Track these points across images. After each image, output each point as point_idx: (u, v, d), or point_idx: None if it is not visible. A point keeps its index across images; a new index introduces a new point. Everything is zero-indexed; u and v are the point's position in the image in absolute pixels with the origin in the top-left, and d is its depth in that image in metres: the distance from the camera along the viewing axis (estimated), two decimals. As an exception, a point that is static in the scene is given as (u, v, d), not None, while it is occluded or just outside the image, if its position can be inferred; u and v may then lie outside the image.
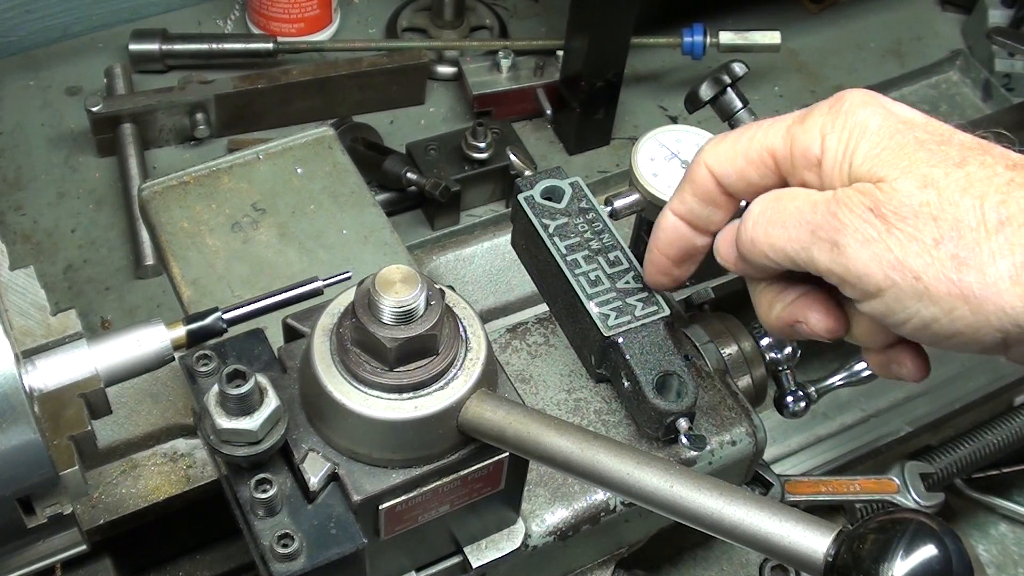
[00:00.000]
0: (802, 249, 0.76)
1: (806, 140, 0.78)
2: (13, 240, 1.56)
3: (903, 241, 0.71)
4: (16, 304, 0.77)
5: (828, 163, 0.76)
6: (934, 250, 0.71)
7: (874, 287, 0.73)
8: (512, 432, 0.76)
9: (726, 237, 0.84)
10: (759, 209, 0.79)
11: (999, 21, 1.86)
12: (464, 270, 1.28)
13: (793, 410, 1.15)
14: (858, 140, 0.75)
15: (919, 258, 0.71)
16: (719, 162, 0.82)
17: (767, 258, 0.79)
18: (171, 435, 1.07)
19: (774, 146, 0.79)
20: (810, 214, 0.76)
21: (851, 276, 0.74)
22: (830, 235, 0.74)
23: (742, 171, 0.81)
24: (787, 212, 0.77)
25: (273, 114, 1.68)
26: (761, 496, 0.72)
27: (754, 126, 0.82)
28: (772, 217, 0.78)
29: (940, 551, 0.64)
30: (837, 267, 0.74)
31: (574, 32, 1.62)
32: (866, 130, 0.75)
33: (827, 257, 0.75)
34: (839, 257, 0.74)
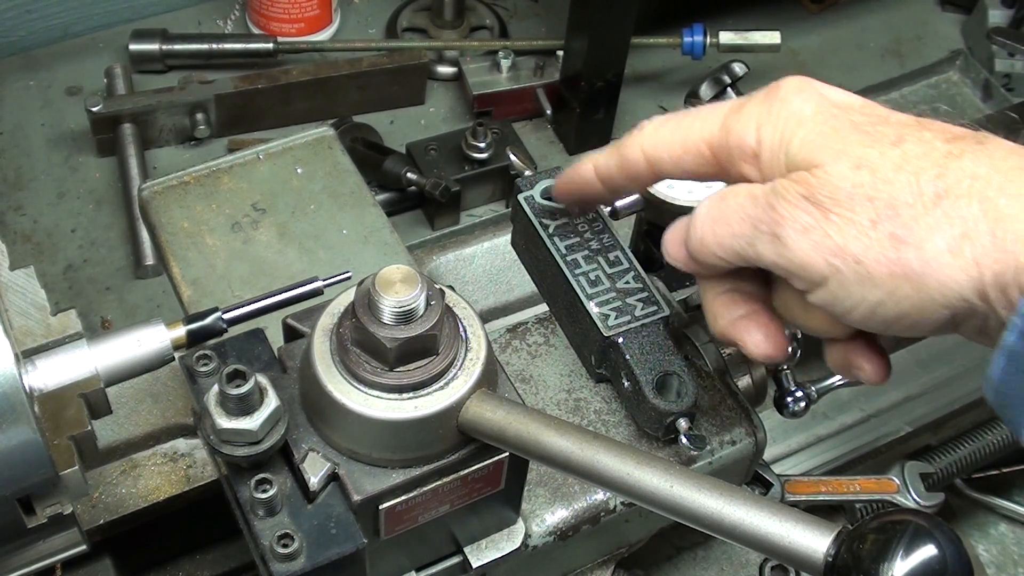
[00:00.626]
0: (748, 244, 0.75)
1: (741, 131, 0.77)
2: (13, 240, 1.56)
3: (840, 226, 0.71)
4: (16, 304, 0.77)
5: (766, 155, 0.76)
6: (871, 231, 0.70)
7: (818, 275, 0.72)
8: (512, 432, 0.76)
9: (675, 236, 0.83)
10: (705, 209, 0.79)
11: (999, 21, 1.86)
12: (464, 270, 1.28)
13: (793, 410, 1.15)
14: (794, 129, 0.75)
15: (858, 241, 0.70)
16: (655, 148, 0.82)
17: (717, 257, 0.78)
18: (171, 435, 1.07)
19: (711, 137, 0.79)
20: (751, 208, 0.75)
21: (795, 267, 0.73)
22: (771, 227, 0.73)
23: (678, 159, 0.81)
24: (730, 209, 0.77)
25: (273, 114, 1.68)
26: (761, 496, 0.72)
27: (692, 113, 0.81)
28: (717, 216, 0.78)
29: (940, 551, 0.64)
30: (781, 259, 0.73)
31: (574, 32, 1.62)
32: (801, 118, 0.75)
33: (770, 250, 0.74)
34: (781, 249, 0.73)
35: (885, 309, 0.71)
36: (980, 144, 0.71)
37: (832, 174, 0.71)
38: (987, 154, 0.70)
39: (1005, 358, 0.67)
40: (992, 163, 0.69)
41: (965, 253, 0.68)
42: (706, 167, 0.80)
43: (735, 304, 0.83)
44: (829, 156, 0.72)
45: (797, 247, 0.72)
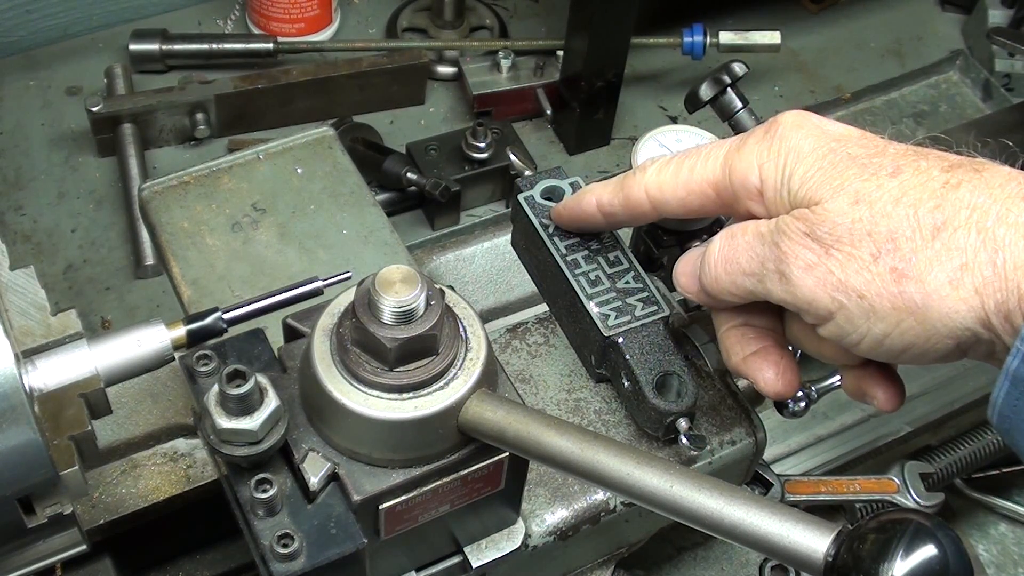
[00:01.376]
0: (758, 282, 0.77)
1: (744, 171, 0.78)
2: (13, 240, 1.56)
3: (842, 261, 0.72)
4: (16, 304, 0.77)
5: (769, 192, 0.77)
6: (873, 266, 0.71)
7: (824, 311, 0.74)
8: (512, 432, 0.76)
9: (687, 269, 0.85)
10: (718, 247, 0.80)
11: (999, 21, 1.86)
12: (464, 270, 1.28)
13: (793, 410, 1.15)
14: (793, 165, 0.76)
15: (859, 276, 0.71)
16: (660, 191, 0.83)
17: (730, 294, 0.80)
18: (171, 435, 1.07)
19: (714, 178, 0.80)
20: (758, 247, 0.77)
21: (802, 303, 0.74)
22: (777, 265, 0.75)
23: (683, 200, 0.82)
24: (739, 247, 0.78)
25: (273, 114, 1.68)
26: (761, 496, 0.72)
27: (694, 154, 0.82)
28: (728, 255, 0.79)
29: (940, 551, 0.64)
30: (788, 296, 0.75)
31: (574, 32, 1.62)
32: (800, 153, 0.76)
33: (778, 287, 0.75)
34: (788, 286, 0.75)
35: (891, 341, 0.72)
36: (977, 172, 0.71)
37: (831, 210, 0.72)
38: (984, 182, 0.70)
39: (1009, 383, 0.68)
40: (990, 192, 0.70)
41: (966, 284, 0.68)
42: (711, 206, 0.81)
43: (748, 340, 0.84)
44: (828, 192, 0.73)
45: (802, 284, 0.73)
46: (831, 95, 1.83)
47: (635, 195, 0.85)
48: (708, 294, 0.82)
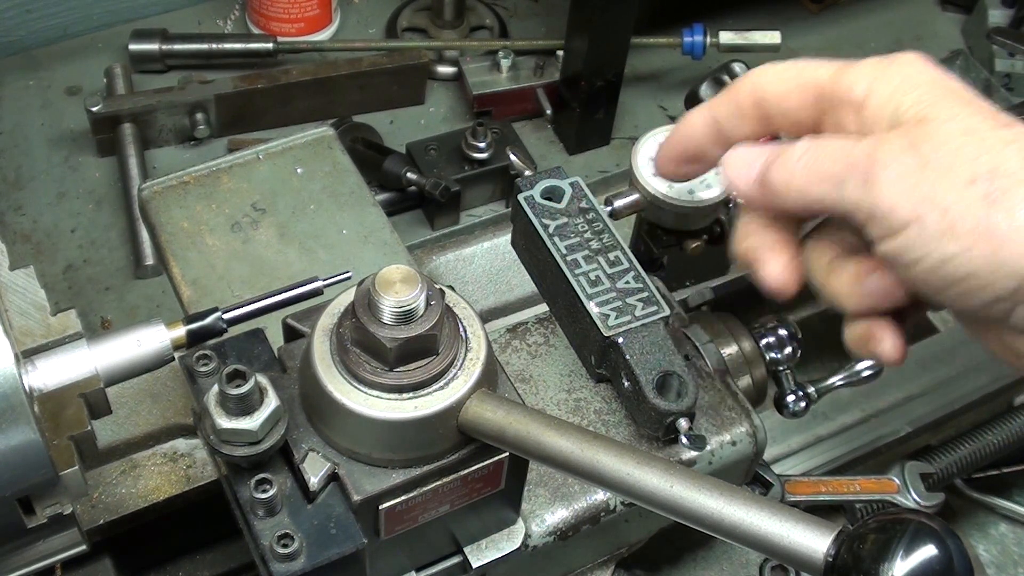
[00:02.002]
0: (835, 187, 0.75)
1: (853, 80, 0.78)
2: (13, 240, 1.56)
3: (937, 177, 0.71)
4: (16, 304, 0.77)
5: (871, 108, 0.77)
6: (966, 189, 0.71)
7: (900, 222, 0.73)
8: (512, 432, 0.76)
9: (746, 165, 0.82)
10: (801, 147, 0.79)
11: (999, 21, 1.86)
12: (464, 270, 1.28)
13: (793, 410, 1.15)
14: (908, 89, 0.76)
15: (950, 193, 0.71)
16: (766, 80, 0.83)
17: (798, 197, 0.78)
18: (171, 435, 1.07)
19: (821, 79, 0.80)
20: (850, 150, 0.76)
21: (879, 210, 0.73)
22: (865, 169, 0.74)
23: (784, 97, 0.81)
24: (826, 150, 0.77)
25: (273, 114, 1.68)
26: (761, 496, 0.72)
27: (806, 60, 0.82)
28: (813, 155, 0.78)
29: (940, 551, 0.64)
30: (866, 202, 0.74)
31: (574, 32, 1.62)
32: (917, 81, 0.76)
33: (858, 192, 0.74)
34: (870, 191, 0.74)
35: (956, 264, 0.72)
36: None
37: (940, 132, 0.73)
38: None
39: None
40: None
41: None
42: (806, 112, 0.81)
43: (768, 231, 0.83)
44: (941, 115, 0.74)
45: (888, 190, 0.73)
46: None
47: (742, 88, 0.84)
48: (772, 193, 0.80)
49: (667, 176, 0.92)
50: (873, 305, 0.79)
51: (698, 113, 0.87)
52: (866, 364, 1.19)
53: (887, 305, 0.80)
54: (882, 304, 0.80)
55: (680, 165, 0.90)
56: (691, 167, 0.90)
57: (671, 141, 0.89)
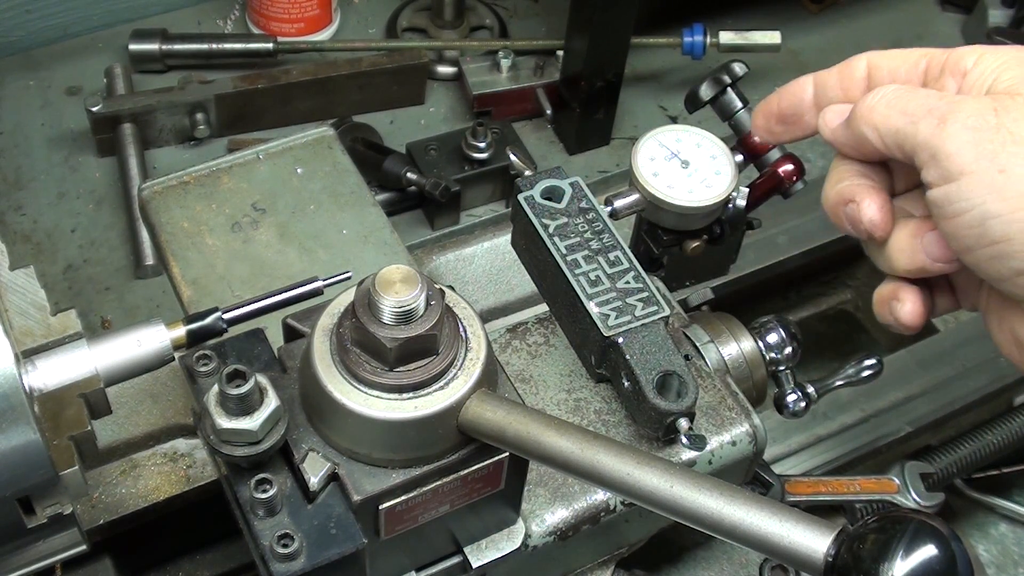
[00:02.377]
0: (911, 122, 0.78)
1: (964, 52, 0.82)
2: (13, 240, 1.56)
3: (1005, 139, 0.74)
4: (16, 304, 0.77)
5: (974, 74, 0.80)
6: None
7: (957, 169, 0.75)
8: (512, 432, 0.76)
9: (840, 109, 0.86)
10: (895, 86, 0.82)
11: (999, 21, 1.86)
12: (464, 270, 1.28)
13: (793, 410, 1.15)
14: (1011, 66, 0.79)
15: (1013, 157, 0.74)
16: (880, 56, 0.86)
17: (876, 128, 0.81)
18: (171, 435, 1.07)
19: (933, 53, 0.84)
20: (934, 99, 0.79)
21: (942, 152, 0.76)
22: (942, 113, 0.77)
23: (896, 67, 0.85)
24: (915, 93, 0.81)
25: (273, 114, 1.68)
26: (761, 496, 0.72)
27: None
28: (902, 92, 0.81)
29: (940, 551, 0.64)
30: (934, 139, 0.76)
31: (574, 32, 1.62)
32: (1021, 62, 0.79)
33: (929, 130, 0.77)
34: (940, 131, 0.76)
35: (995, 225, 0.74)
36: None
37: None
38: None
39: None
40: None
41: None
42: (916, 78, 0.84)
43: (862, 178, 0.85)
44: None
45: (956, 135, 0.76)
46: (832, 95, 1.83)
47: (854, 61, 0.87)
48: (856, 124, 0.83)
49: (760, 133, 0.94)
50: (922, 264, 0.82)
51: (807, 78, 0.90)
52: (866, 364, 1.19)
53: (935, 267, 0.82)
54: (931, 265, 0.82)
55: (776, 123, 0.92)
56: (786, 128, 0.92)
57: (775, 98, 0.92)
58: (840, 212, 0.85)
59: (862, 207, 0.84)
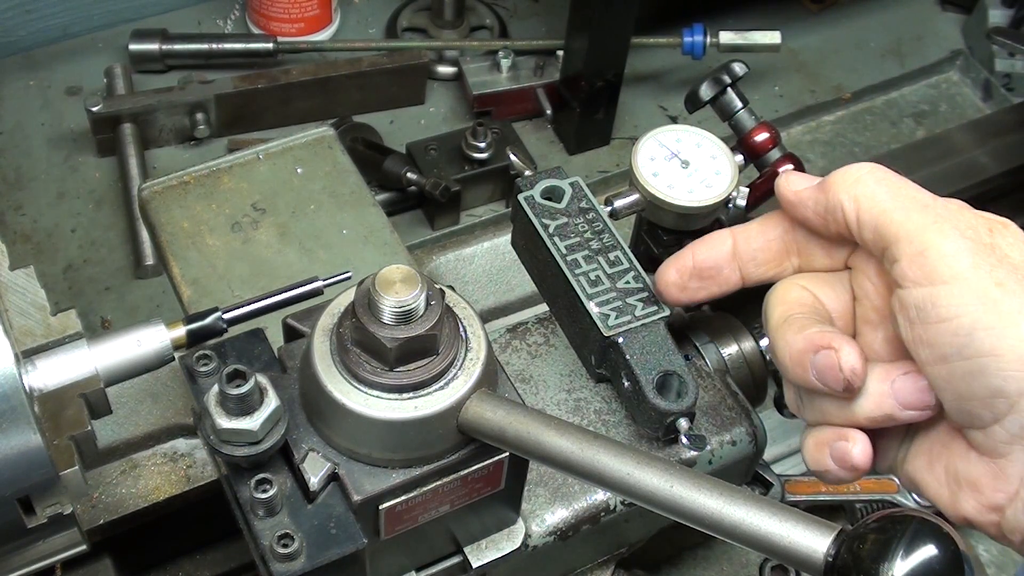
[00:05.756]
0: (900, 209, 0.73)
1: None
2: (13, 240, 1.56)
3: (1002, 260, 0.70)
4: (16, 304, 0.77)
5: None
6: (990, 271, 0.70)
7: (950, 272, 0.70)
8: (512, 432, 0.76)
9: (803, 176, 0.81)
10: (875, 166, 0.77)
11: (999, 21, 1.86)
12: (464, 270, 1.28)
13: (793, 410, 1.14)
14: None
15: (1009, 276, 0.70)
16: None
17: (856, 200, 0.75)
18: (171, 435, 1.07)
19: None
20: (928, 196, 0.74)
21: (936, 250, 0.71)
22: (937, 212, 0.73)
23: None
24: (904, 182, 0.76)
25: (273, 114, 1.68)
26: (761, 496, 0.72)
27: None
28: (889, 175, 0.76)
29: (940, 551, 0.64)
30: (927, 234, 0.71)
31: (574, 32, 1.62)
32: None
33: (921, 224, 0.72)
34: (935, 228, 0.71)
35: (987, 336, 0.69)
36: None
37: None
38: None
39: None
40: None
41: None
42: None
43: (824, 318, 0.80)
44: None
45: (952, 239, 0.71)
46: (831, 95, 1.83)
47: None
48: (834, 186, 0.77)
49: (670, 290, 0.89)
50: (890, 412, 0.75)
51: (723, 232, 0.85)
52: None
53: (904, 416, 0.76)
54: (900, 413, 0.76)
55: (691, 279, 0.88)
56: (702, 284, 0.88)
57: (687, 253, 0.87)
58: (807, 361, 0.76)
59: (841, 355, 0.74)
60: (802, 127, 1.78)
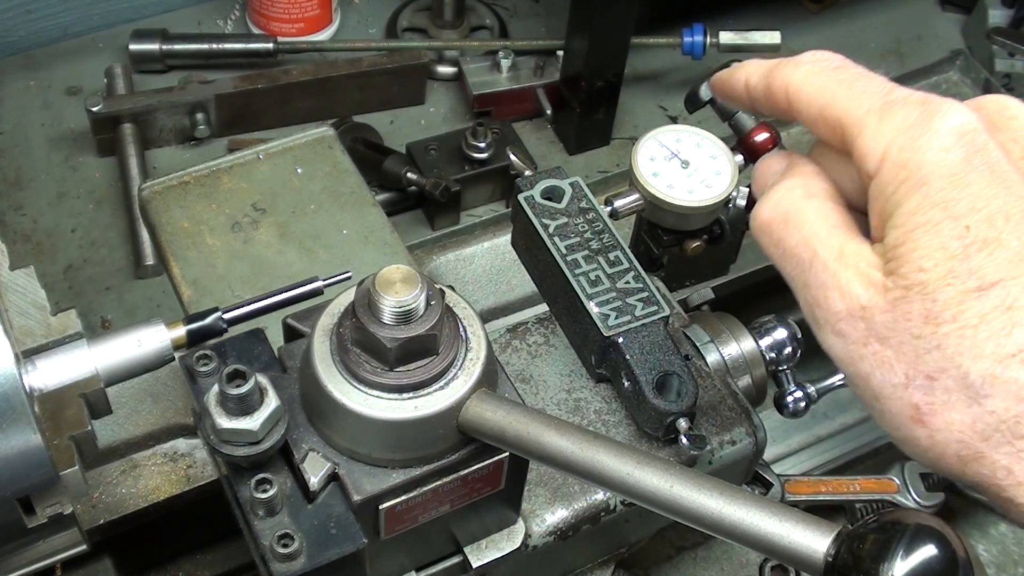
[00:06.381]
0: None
1: (867, 147, 0.70)
2: (13, 240, 1.56)
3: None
4: (16, 304, 0.77)
5: (877, 183, 0.71)
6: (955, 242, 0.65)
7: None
8: (512, 432, 0.76)
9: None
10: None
11: (999, 21, 1.86)
12: (464, 270, 1.28)
13: (793, 410, 1.15)
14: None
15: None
16: (799, 97, 0.75)
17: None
18: (171, 435, 1.07)
19: (850, 122, 0.72)
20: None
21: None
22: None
23: (814, 121, 0.75)
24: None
25: (273, 114, 1.68)
26: (761, 496, 0.72)
27: (851, 76, 0.73)
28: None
29: (940, 551, 0.64)
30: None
31: (574, 32, 1.62)
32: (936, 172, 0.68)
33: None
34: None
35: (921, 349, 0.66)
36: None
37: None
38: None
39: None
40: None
41: None
42: (837, 144, 0.74)
43: None
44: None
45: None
46: (831, 95, 1.83)
47: (778, 88, 0.77)
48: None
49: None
50: None
51: (740, 79, 0.81)
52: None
53: None
54: None
55: (724, 99, 0.86)
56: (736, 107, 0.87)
57: (719, 80, 0.84)
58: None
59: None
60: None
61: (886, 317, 0.66)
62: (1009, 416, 0.64)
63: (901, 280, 0.66)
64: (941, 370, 0.65)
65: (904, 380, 0.67)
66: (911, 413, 0.67)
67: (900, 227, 0.67)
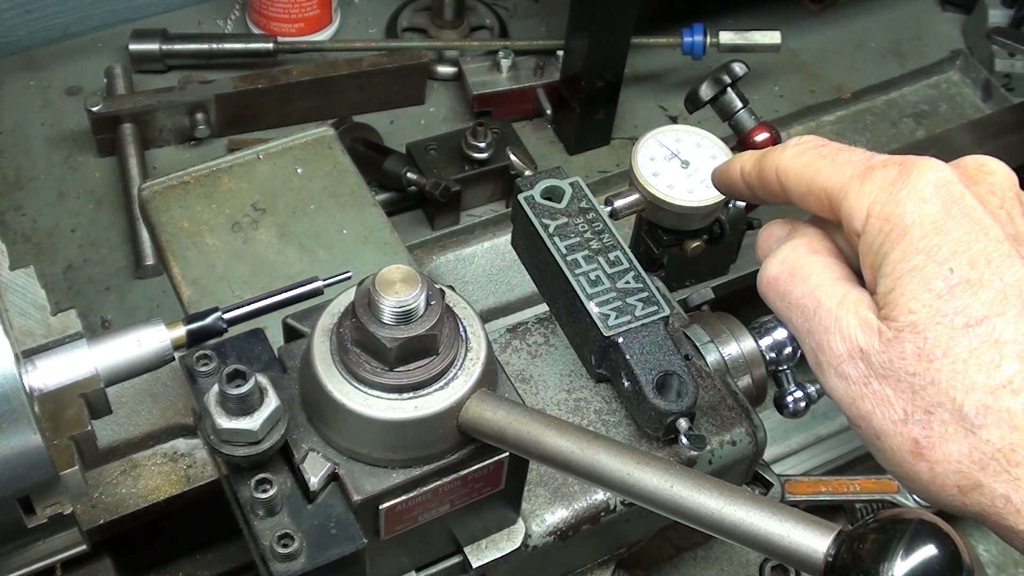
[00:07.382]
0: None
1: (852, 210, 0.74)
2: (13, 240, 1.56)
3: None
4: (16, 304, 0.77)
5: (866, 242, 0.74)
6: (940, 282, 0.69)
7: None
8: (512, 432, 0.76)
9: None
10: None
11: (999, 21, 1.86)
12: (464, 270, 1.28)
13: (793, 410, 1.14)
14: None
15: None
16: (787, 177, 0.79)
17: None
18: (171, 435, 1.07)
19: (833, 193, 0.76)
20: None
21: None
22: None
23: (803, 197, 0.79)
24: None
25: (273, 114, 1.68)
26: (761, 496, 0.72)
27: (832, 152, 0.77)
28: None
29: (940, 551, 0.64)
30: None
31: (574, 32, 1.62)
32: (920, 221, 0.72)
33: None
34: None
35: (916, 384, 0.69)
36: None
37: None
38: None
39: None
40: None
41: None
42: (827, 214, 0.78)
43: None
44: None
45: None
46: (831, 95, 1.83)
47: (768, 173, 0.81)
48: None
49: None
50: None
51: (736, 170, 0.85)
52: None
53: None
54: None
55: (723, 192, 0.90)
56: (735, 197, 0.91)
57: (717, 173, 0.89)
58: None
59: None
60: (802, 127, 1.78)
61: (883, 357, 0.70)
62: (1004, 444, 0.67)
63: (893, 323, 0.70)
64: (937, 404, 0.69)
65: (903, 416, 0.70)
66: (911, 448, 0.70)
67: (889, 275, 0.71)
